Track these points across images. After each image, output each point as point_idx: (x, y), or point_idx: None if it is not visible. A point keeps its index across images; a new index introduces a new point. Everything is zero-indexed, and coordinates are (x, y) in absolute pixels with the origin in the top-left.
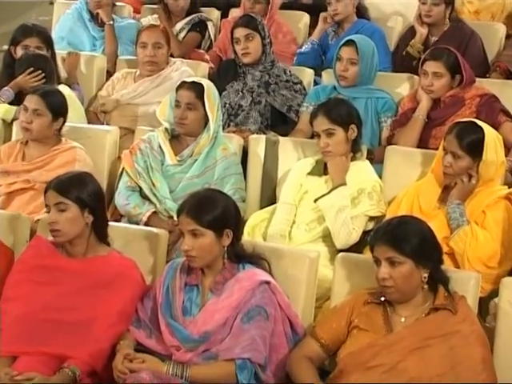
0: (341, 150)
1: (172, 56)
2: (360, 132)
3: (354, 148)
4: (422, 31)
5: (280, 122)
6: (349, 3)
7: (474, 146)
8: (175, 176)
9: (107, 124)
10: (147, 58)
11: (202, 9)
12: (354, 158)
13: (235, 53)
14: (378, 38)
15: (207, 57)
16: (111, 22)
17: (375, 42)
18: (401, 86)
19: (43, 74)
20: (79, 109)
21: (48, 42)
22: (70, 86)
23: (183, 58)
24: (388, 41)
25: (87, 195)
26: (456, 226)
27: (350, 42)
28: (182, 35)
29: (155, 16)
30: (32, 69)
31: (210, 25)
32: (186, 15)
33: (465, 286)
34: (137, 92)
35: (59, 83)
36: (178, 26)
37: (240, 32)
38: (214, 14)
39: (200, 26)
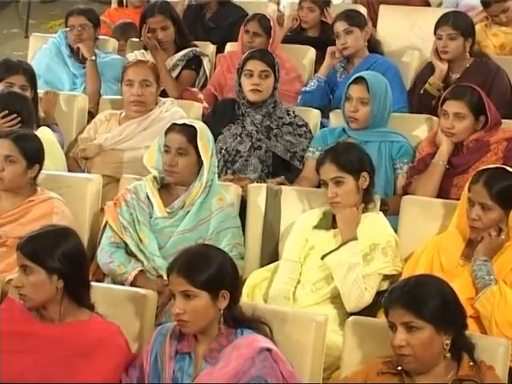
0: (351, 201)
1: (162, 95)
2: (372, 180)
3: (366, 198)
4: (441, 67)
5: (283, 170)
6: (359, 36)
7: (505, 196)
8: (165, 230)
9: (89, 172)
10: (134, 98)
11: (196, 43)
12: (365, 210)
13: (239, 89)
14: (392, 75)
15: (201, 96)
16: (93, 58)
17: (389, 79)
18: (418, 129)
19: (19, 118)
20: (59, 155)
21: (33, 82)
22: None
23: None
24: (403, 78)
25: (58, 259)
26: (482, 286)
27: (360, 80)
28: (175, 73)
29: (142, 51)
30: (6, 111)
31: (205, 60)
32: (178, 49)
33: (493, 354)
34: (122, 136)
35: (39, 126)
36: (170, 61)
37: (255, 65)
38: (209, 48)
39: (195, 63)
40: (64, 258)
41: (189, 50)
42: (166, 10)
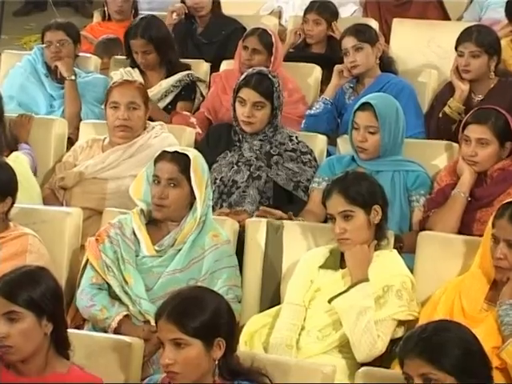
0: (361, 237)
1: (150, 119)
2: (385, 214)
3: (379, 234)
4: (462, 88)
5: (285, 202)
6: (370, 53)
7: None
8: (153, 270)
9: (67, 204)
10: (119, 122)
11: (188, 61)
12: (378, 247)
13: (234, 115)
14: (407, 97)
15: (193, 120)
16: (73, 77)
17: (404, 102)
18: (437, 157)
19: None
20: (33, 185)
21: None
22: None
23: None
24: (420, 100)
25: (42, 297)
26: (509, 333)
27: (367, 106)
28: (168, 99)
29: (128, 69)
30: None
31: (202, 87)
32: (171, 70)
33: None
34: (105, 163)
35: (11, 151)
36: (164, 85)
37: (248, 95)
38: (203, 66)
39: (191, 90)
40: (50, 296)
41: (184, 74)
42: (149, 33)
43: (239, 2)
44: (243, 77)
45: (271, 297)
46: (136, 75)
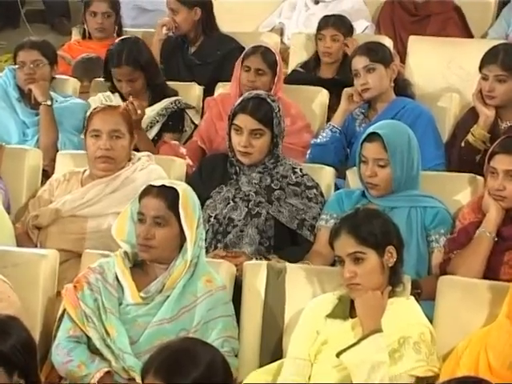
0: (374, 282)
1: (136, 150)
2: (401, 256)
3: (393, 279)
4: (486, 113)
5: (288, 243)
6: (384, 75)
7: None
8: (138, 320)
9: (42, 246)
10: (101, 152)
11: (179, 84)
12: (392, 294)
13: (229, 144)
14: (424, 124)
15: (183, 151)
16: (49, 103)
17: (421, 129)
18: (459, 191)
19: None
20: (5, 225)
21: None
22: None
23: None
24: (440, 127)
25: (13, 350)
26: None
27: (375, 137)
28: (154, 131)
29: (108, 93)
30: None
31: (191, 113)
32: (156, 96)
33: None
34: (85, 199)
35: None
36: (149, 113)
37: (245, 122)
38: (195, 90)
39: (180, 119)
40: (22, 349)
41: (171, 101)
42: (135, 59)
43: (236, 18)
44: (239, 101)
45: (272, 350)
46: (116, 101)
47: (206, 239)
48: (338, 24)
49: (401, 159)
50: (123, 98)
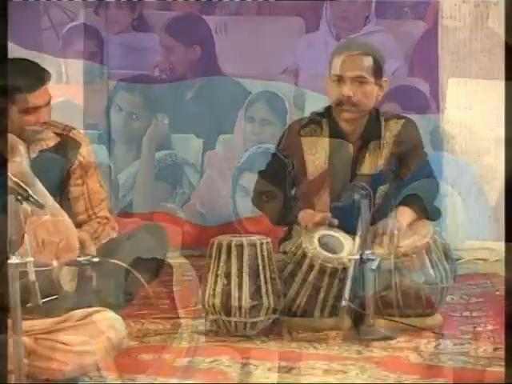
0: None
1: None
2: None
3: None
4: None
5: None
6: None
7: None
8: None
9: None
10: None
11: (175, 136)
12: None
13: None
14: None
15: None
16: None
17: None
18: None
19: None
20: None
21: None
22: None
23: None
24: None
25: None
26: None
27: None
28: None
29: None
30: None
31: (189, 170)
32: None
33: None
34: None
35: None
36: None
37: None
38: (194, 143)
39: (174, 172)
40: None
41: (165, 154)
42: None
43: (241, 57)
44: (245, 157)
45: None
46: None
47: None
48: None
49: None
50: None
